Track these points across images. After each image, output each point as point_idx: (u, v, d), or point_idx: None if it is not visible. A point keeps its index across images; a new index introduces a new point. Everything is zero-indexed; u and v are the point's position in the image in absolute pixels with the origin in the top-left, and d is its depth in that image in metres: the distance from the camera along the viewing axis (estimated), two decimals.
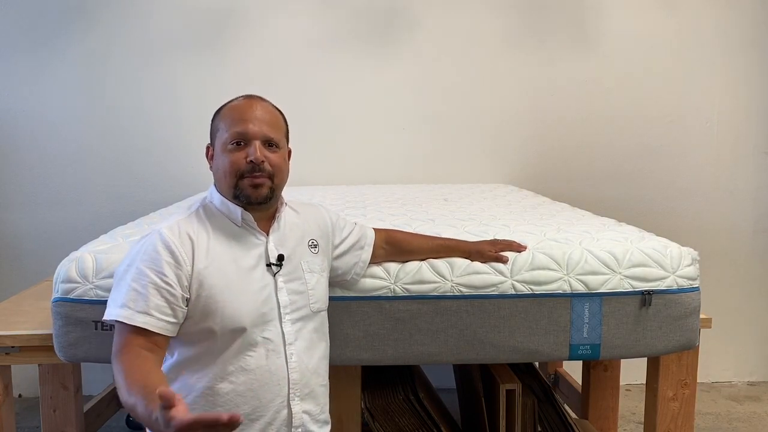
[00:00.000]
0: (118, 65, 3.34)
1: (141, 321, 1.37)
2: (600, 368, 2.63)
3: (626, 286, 1.81)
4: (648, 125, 3.50)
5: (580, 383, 2.77)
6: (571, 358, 1.84)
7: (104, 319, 1.44)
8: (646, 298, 1.80)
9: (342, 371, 1.94)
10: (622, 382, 2.88)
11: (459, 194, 2.95)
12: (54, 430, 2.12)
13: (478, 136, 3.48)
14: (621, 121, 3.49)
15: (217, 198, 1.55)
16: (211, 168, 1.56)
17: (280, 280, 1.53)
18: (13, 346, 1.91)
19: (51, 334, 1.80)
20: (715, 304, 3.29)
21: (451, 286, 1.79)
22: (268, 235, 1.56)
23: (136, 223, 2.26)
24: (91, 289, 1.73)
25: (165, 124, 3.37)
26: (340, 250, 1.73)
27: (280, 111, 1.58)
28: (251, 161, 1.47)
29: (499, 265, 1.81)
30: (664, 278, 1.82)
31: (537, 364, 2.82)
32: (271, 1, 3.36)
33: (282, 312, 1.52)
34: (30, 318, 2.06)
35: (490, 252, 1.82)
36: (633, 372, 3.31)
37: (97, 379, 3.15)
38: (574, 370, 3.03)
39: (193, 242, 1.46)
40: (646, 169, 3.52)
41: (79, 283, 1.74)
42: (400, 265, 1.81)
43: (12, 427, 2.07)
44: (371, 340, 1.80)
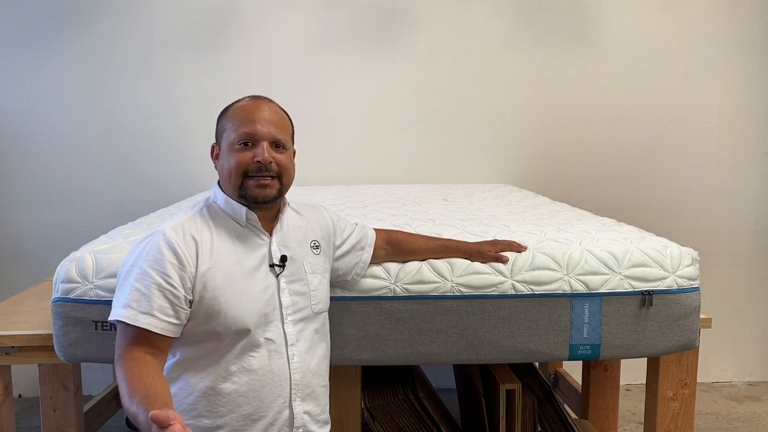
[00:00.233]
0: (118, 65, 3.34)
1: (144, 322, 1.37)
2: (600, 368, 2.63)
3: (626, 286, 1.81)
4: (648, 125, 3.49)
5: (580, 383, 2.76)
6: (571, 359, 1.84)
7: (108, 320, 1.44)
8: (646, 298, 1.80)
9: (342, 371, 1.94)
10: (622, 382, 2.88)
11: (459, 194, 2.95)
12: (54, 430, 2.12)
13: (478, 136, 3.48)
14: (621, 121, 3.48)
15: (221, 197, 1.55)
16: (216, 167, 1.56)
17: (282, 281, 1.54)
18: (13, 346, 1.91)
19: (51, 334, 1.80)
20: (715, 304, 3.30)
21: (451, 286, 1.79)
22: (271, 235, 1.56)
23: (136, 223, 2.26)
24: (91, 289, 1.73)
25: (165, 124, 3.37)
26: (342, 251, 1.73)
27: (286, 112, 1.58)
28: (258, 161, 1.47)
29: (499, 266, 1.81)
30: (664, 278, 1.82)
31: (537, 364, 2.82)
32: (271, 1, 3.36)
33: (284, 313, 1.52)
34: (30, 318, 2.06)
35: (491, 252, 1.82)
36: (633, 372, 3.31)
37: (97, 379, 3.16)
38: (574, 370, 3.03)
39: (197, 243, 1.46)
40: (646, 169, 3.52)
41: (79, 283, 1.74)
42: (400, 265, 1.82)
43: (12, 427, 2.07)
44: (371, 340, 1.80)
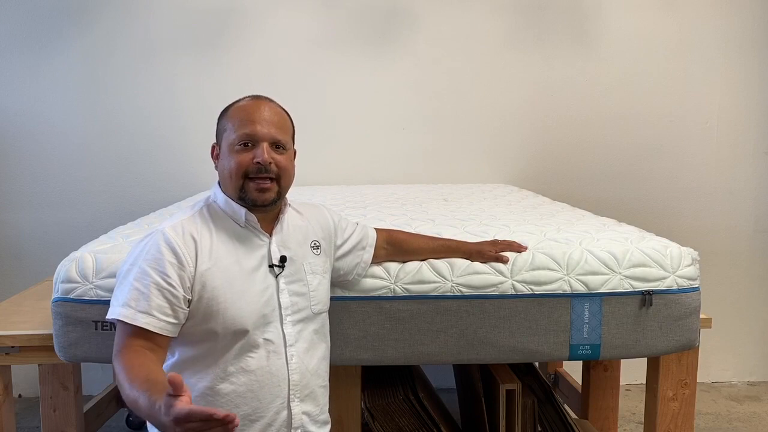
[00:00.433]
0: (118, 65, 3.34)
1: (143, 321, 1.37)
2: (600, 368, 2.63)
3: (626, 286, 1.81)
4: (648, 125, 3.49)
5: (580, 383, 2.76)
6: (571, 359, 1.84)
7: (106, 318, 1.44)
8: (646, 298, 1.80)
9: (342, 371, 1.94)
10: (622, 382, 2.88)
11: (459, 194, 2.94)
12: (54, 430, 2.12)
13: (478, 136, 3.48)
14: (621, 121, 3.48)
15: (221, 198, 1.54)
16: (217, 167, 1.56)
17: (282, 281, 1.53)
18: (13, 346, 1.91)
19: (51, 334, 1.80)
20: (715, 304, 3.30)
21: (452, 286, 1.79)
22: (271, 236, 1.56)
23: (136, 223, 2.26)
24: (91, 289, 1.73)
25: (165, 124, 3.37)
26: (343, 251, 1.73)
27: (286, 112, 1.58)
28: (258, 162, 1.47)
29: (499, 265, 1.81)
30: (664, 278, 1.82)
31: (537, 364, 2.82)
32: (271, 1, 3.36)
33: (283, 313, 1.52)
34: (30, 318, 2.06)
35: (491, 252, 1.82)
36: (633, 372, 3.31)
37: (97, 379, 3.16)
38: (574, 370, 3.03)
39: (196, 243, 1.46)
40: (646, 169, 3.52)
41: (79, 283, 1.74)
42: (401, 265, 1.82)
43: (12, 427, 2.07)
44: (371, 340, 1.80)
